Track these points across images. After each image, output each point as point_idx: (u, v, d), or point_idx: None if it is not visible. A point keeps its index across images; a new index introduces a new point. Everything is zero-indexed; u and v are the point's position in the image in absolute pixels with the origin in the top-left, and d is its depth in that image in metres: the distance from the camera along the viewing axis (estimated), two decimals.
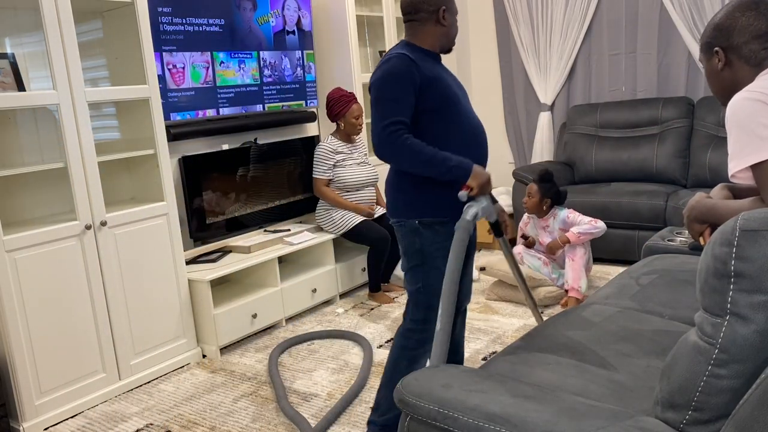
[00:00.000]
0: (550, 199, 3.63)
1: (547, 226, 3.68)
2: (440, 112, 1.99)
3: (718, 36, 1.59)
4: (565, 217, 3.60)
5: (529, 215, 3.78)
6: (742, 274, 1.03)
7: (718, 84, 1.64)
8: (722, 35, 1.59)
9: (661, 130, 4.25)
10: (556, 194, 3.63)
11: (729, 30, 1.57)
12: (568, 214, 3.60)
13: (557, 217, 3.63)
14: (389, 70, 1.94)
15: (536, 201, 3.63)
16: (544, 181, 3.64)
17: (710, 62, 1.64)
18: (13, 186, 2.80)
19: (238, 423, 2.53)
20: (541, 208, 3.65)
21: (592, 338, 1.79)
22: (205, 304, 3.16)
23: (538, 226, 3.72)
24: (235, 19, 3.62)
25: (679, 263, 2.36)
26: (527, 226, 3.80)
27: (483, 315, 3.47)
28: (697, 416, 1.11)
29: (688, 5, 4.13)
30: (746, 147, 1.44)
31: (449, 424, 1.26)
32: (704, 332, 1.10)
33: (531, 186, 3.67)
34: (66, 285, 2.68)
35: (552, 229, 3.66)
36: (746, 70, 1.56)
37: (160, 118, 3.04)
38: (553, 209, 3.67)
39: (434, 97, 1.97)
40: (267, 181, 3.89)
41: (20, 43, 2.80)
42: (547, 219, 3.67)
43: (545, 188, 3.63)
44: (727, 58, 1.59)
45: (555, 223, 3.64)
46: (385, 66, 1.97)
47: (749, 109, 1.44)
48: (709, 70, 1.65)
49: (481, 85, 5.24)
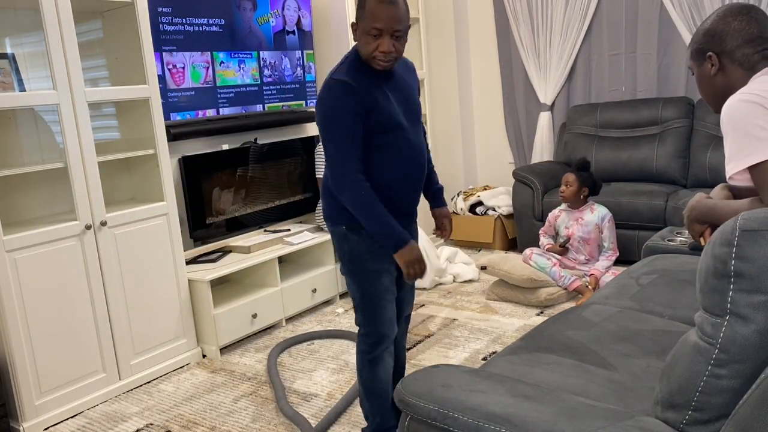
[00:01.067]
0: (588, 188, 3.63)
1: (581, 218, 3.66)
2: (377, 139, 1.93)
3: (711, 41, 1.60)
4: (606, 218, 3.62)
5: (561, 209, 3.77)
6: (742, 274, 1.03)
7: (711, 89, 1.65)
8: (715, 40, 1.59)
9: (661, 130, 4.25)
10: (594, 183, 3.64)
11: (722, 35, 1.58)
12: (610, 218, 3.63)
13: (596, 212, 3.63)
14: (332, 104, 1.86)
15: (575, 190, 3.62)
16: (582, 169, 3.64)
17: (702, 68, 1.65)
18: (13, 186, 2.80)
19: (238, 423, 2.53)
20: (578, 197, 3.64)
21: (592, 338, 1.79)
22: (205, 304, 3.16)
23: (572, 218, 3.71)
24: (235, 19, 3.62)
25: (679, 263, 2.36)
26: (557, 220, 3.77)
27: (483, 315, 3.47)
28: (697, 416, 1.11)
29: (688, 5, 4.13)
30: (743, 149, 1.44)
31: (449, 424, 1.26)
32: (704, 332, 1.10)
33: (568, 175, 3.65)
34: (66, 285, 2.68)
35: (587, 222, 3.63)
36: (740, 74, 1.58)
37: (160, 118, 3.04)
38: (591, 202, 3.67)
39: (371, 127, 1.91)
40: (267, 181, 3.89)
41: (20, 43, 2.80)
42: (583, 211, 3.66)
43: (584, 177, 3.62)
44: (721, 62, 1.59)
45: (593, 218, 3.63)
46: (328, 96, 1.87)
47: (745, 111, 1.45)
48: (701, 75, 1.66)
49: (481, 85, 5.24)
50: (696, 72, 1.68)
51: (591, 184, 3.63)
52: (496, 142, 5.26)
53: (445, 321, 3.42)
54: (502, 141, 5.23)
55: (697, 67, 1.67)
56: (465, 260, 4.21)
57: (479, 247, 4.78)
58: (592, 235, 3.64)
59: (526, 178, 4.33)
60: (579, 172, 3.62)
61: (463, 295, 3.82)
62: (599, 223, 3.62)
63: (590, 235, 3.64)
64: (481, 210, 4.74)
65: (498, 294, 3.65)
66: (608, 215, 3.64)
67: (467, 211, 4.79)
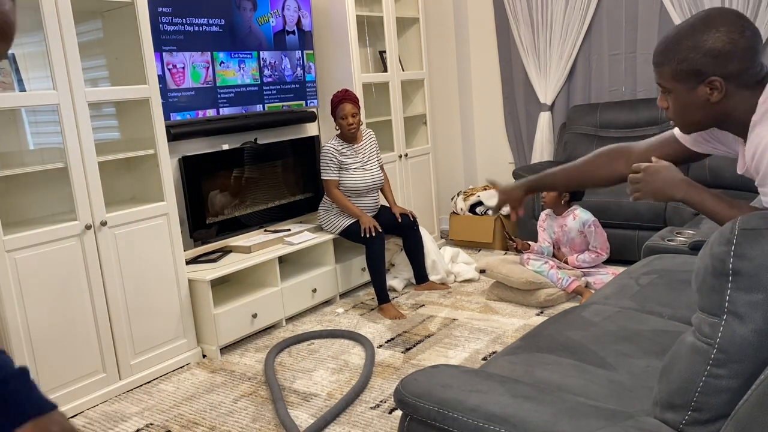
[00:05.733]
0: (569, 193, 3.62)
1: (564, 224, 3.66)
2: None
3: (713, 63, 1.32)
4: (587, 223, 3.60)
5: (546, 213, 3.77)
6: (741, 272, 1.03)
7: (704, 115, 1.40)
8: (718, 62, 1.32)
9: (661, 130, 4.24)
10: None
11: (728, 56, 1.31)
12: (592, 223, 3.60)
13: (578, 218, 3.62)
14: None
15: (554, 195, 3.62)
16: None
17: (693, 92, 1.37)
18: (13, 186, 2.80)
19: (238, 423, 2.53)
20: (559, 203, 3.64)
21: (592, 338, 1.79)
22: (205, 304, 3.16)
23: (556, 224, 3.71)
24: (235, 19, 3.62)
25: (679, 263, 2.36)
26: (544, 223, 3.77)
27: (483, 315, 3.47)
28: (696, 416, 1.11)
29: (688, 5, 4.13)
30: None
31: (449, 425, 1.26)
32: (702, 332, 1.10)
33: None
34: (66, 285, 2.68)
35: (569, 229, 3.63)
36: (746, 95, 1.35)
37: (160, 118, 3.04)
38: (573, 208, 3.66)
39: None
40: (267, 181, 3.89)
41: (20, 43, 2.80)
42: (566, 217, 3.66)
43: None
44: (726, 87, 1.34)
45: (575, 224, 3.62)
46: None
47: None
48: (690, 100, 1.39)
49: (481, 86, 5.24)
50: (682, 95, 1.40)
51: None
52: (496, 142, 5.26)
53: (445, 321, 3.43)
54: (502, 141, 5.23)
55: (685, 90, 1.38)
56: (466, 260, 4.22)
57: (479, 248, 4.78)
58: (576, 240, 3.64)
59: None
60: None
61: (463, 295, 3.82)
62: (581, 229, 3.61)
63: (574, 241, 3.65)
64: (481, 210, 4.74)
65: (498, 295, 3.65)
66: (590, 220, 3.61)
67: (467, 211, 4.79)
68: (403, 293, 3.93)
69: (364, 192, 3.79)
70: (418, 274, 3.96)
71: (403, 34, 4.82)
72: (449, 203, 5.15)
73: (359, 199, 3.79)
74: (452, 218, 4.88)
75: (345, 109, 3.70)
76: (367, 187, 3.78)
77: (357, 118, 3.73)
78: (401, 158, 4.58)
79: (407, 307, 3.68)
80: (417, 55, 4.82)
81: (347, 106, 3.70)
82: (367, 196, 3.81)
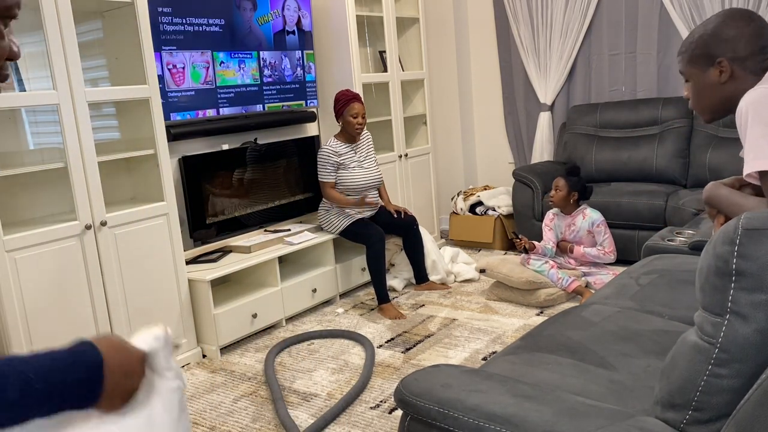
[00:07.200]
0: (578, 192, 3.62)
1: (573, 224, 3.66)
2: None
3: (721, 46, 1.50)
4: (596, 222, 3.60)
5: (554, 212, 3.77)
6: (744, 272, 1.03)
7: (716, 97, 1.55)
8: (726, 45, 1.50)
9: (661, 130, 4.25)
10: (584, 188, 3.64)
11: (734, 40, 1.49)
12: (600, 222, 3.60)
13: (587, 217, 3.62)
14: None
15: (564, 194, 3.62)
16: (572, 174, 3.63)
17: (706, 74, 1.54)
18: (13, 186, 2.80)
19: (238, 423, 2.53)
20: (568, 202, 3.64)
21: (592, 338, 1.79)
22: (206, 304, 3.16)
23: (564, 223, 3.70)
24: (235, 19, 3.62)
25: (679, 263, 2.36)
26: (552, 223, 3.77)
27: (483, 315, 3.47)
28: (697, 416, 1.11)
29: (688, 5, 4.13)
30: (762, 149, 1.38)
31: (449, 424, 1.26)
32: (704, 332, 1.10)
33: (558, 179, 3.65)
34: (66, 285, 2.68)
35: (578, 228, 3.63)
36: (750, 80, 1.49)
37: (160, 118, 3.03)
38: (582, 207, 3.66)
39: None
40: (267, 181, 3.89)
41: (20, 43, 2.78)
42: (575, 216, 3.65)
43: (573, 181, 3.62)
44: (732, 69, 1.50)
45: (584, 224, 3.62)
46: None
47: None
48: (704, 82, 1.55)
49: (481, 86, 5.24)
50: (697, 79, 1.57)
51: (580, 188, 3.63)
52: (496, 142, 5.26)
53: (445, 321, 3.42)
54: (502, 141, 5.23)
55: (699, 73, 1.55)
56: (466, 260, 4.22)
57: (479, 248, 4.78)
58: (584, 239, 3.65)
59: (526, 178, 4.33)
60: (568, 177, 3.63)
61: (463, 295, 3.82)
62: (590, 228, 3.62)
63: (582, 240, 3.65)
64: (481, 210, 4.74)
65: (498, 295, 3.65)
66: (598, 220, 3.62)
67: (467, 211, 4.79)
68: (403, 293, 3.93)
69: (363, 190, 3.79)
70: (418, 274, 3.96)
71: (403, 34, 4.82)
72: (449, 203, 5.15)
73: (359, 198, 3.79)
74: (452, 218, 4.88)
75: (355, 108, 3.70)
76: (366, 185, 3.79)
77: (365, 118, 3.76)
78: (401, 158, 4.58)
79: (407, 307, 3.67)
80: (417, 55, 4.82)
81: (357, 105, 3.71)
82: (367, 194, 3.82)
